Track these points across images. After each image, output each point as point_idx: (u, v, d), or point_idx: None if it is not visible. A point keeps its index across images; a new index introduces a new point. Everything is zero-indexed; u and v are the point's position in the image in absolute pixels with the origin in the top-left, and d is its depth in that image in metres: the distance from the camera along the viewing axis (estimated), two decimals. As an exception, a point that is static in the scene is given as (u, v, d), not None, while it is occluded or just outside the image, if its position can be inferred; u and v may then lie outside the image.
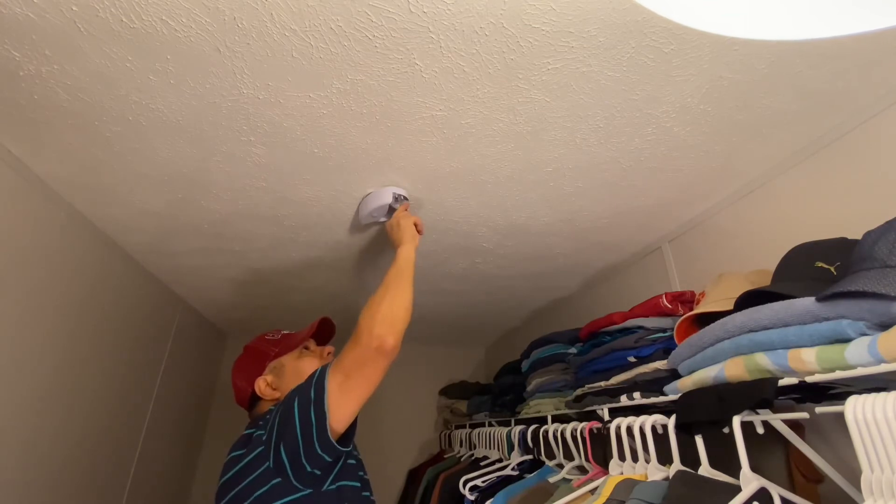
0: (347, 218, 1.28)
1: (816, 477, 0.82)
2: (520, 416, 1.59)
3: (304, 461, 0.80)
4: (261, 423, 0.89)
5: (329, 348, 1.14)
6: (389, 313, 0.91)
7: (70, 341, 1.23)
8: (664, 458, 0.86)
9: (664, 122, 0.92)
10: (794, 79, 0.82)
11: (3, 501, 1.02)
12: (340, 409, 0.83)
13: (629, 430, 0.93)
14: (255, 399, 1.03)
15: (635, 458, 0.92)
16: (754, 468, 0.68)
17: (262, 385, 1.02)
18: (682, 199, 1.22)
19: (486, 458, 1.69)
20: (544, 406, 1.43)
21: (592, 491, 0.93)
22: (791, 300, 0.63)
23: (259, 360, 1.06)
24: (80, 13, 0.65)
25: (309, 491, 0.81)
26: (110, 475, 1.47)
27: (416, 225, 1.15)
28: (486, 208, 1.25)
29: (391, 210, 1.17)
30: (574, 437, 1.15)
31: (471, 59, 0.75)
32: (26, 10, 0.65)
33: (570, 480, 1.06)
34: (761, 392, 0.65)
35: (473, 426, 2.07)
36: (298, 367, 1.05)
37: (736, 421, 0.68)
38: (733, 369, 0.71)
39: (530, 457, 1.40)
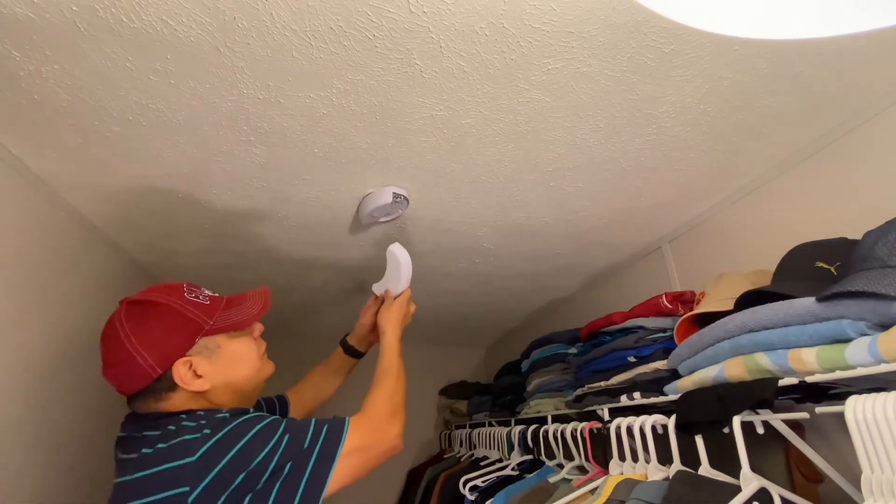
0: (347, 218, 1.28)
1: (816, 477, 0.82)
2: (520, 416, 1.59)
3: None
4: (168, 441, 0.66)
5: (260, 327, 0.90)
6: (401, 414, 0.89)
7: (71, 341, 1.23)
8: (664, 458, 0.86)
9: (664, 122, 0.92)
10: (795, 79, 0.82)
11: (4, 502, 1.02)
12: (337, 482, 0.72)
13: (629, 430, 0.93)
14: (159, 386, 0.73)
15: (635, 458, 0.92)
16: (754, 468, 0.68)
17: (183, 370, 0.73)
18: (682, 199, 1.22)
19: (486, 458, 1.68)
20: (544, 406, 1.43)
21: (592, 491, 0.93)
22: (791, 300, 0.63)
23: (184, 331, 0.75)
24: (81, 13, 0.65)
25: None
26: (110, 474, 1.47)
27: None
28: (486, 208, 1.25)
29: (391, 208, 1.17)
30: (574, 437, 1.15)
31: (471, 59, 0.75)
32: (26, 10, 0.65)
33: (570, 480, 1.06)
34: (761, 392, 0.65)
35: (473, 426, 2.07)
36: (234, 351, 0.80)
37: (736, 421, 0.68)
38: (733, 369, 0.71)
39: (530, 457, 1.40)
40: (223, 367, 0.78)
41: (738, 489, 0.67)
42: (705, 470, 0.77)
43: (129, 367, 0.72)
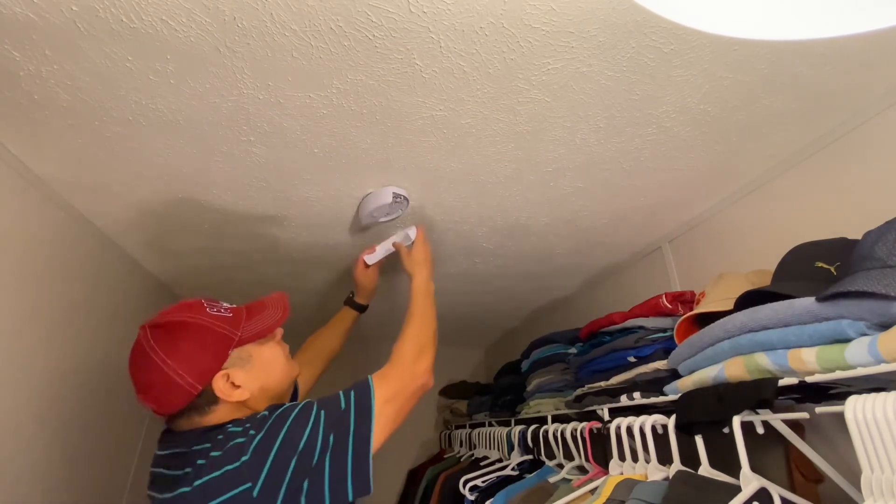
0: (347, 218, 1.28)
1: (816, 477, 0.82)
2: (520, 416, 1.59)
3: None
4: (221, 449, 0.69)
5: (281, 331, 0.92)
6: (429, 350, 0.95)
7: (70, 341, 1.23)
8: (664, 458, 0.86)
9: (664, 122, 0.92)
10: (794, 79, 0.82)
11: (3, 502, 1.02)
12: (380, 434, 0.77)
13: (629, 430, 0.93)
14: (201, 402, 0.76)
15: (635, 458, 0.92)
16: (754, 468, 0.68)
17: (222, 384, 0.76)
18: (682, 199, 1.22)
19: (486, 458, 1.68)
20: (544, 406, 1.43)
21: (592, 491, 0.93)
22: (791, 300, 0.63)
23: (217, 345, 0.77)
24: (80, 13, 0.65)
25: None
26: (110, 475, 1.47)
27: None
28: (486, 208, 1.25)
29: (391, 208, 1.17)
30: (574, 437, 1.15)
31: (471, 59, 0.75)
32: (26, 10, 0.65)
33: (570, 480, 1.06)
34: (761, 392, 0.65)
35: (473, 426, 2.07)
36: (265, 357, 0.84)
37: (736, 421, 0.68)
38: (733, 369, 0.71)
39: (530, 457, 1.40)
40: (258, 374, 0.80)
41: (738, 489, 0.67)
42: (705, 470, 0.77)
43: (168, 388, 0.74)
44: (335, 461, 0.72)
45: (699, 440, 0.79)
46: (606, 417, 1.08)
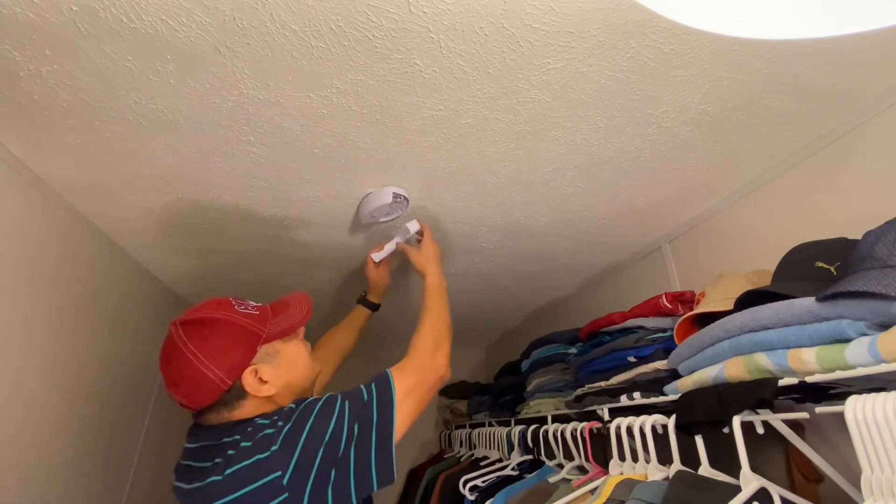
0: (347, 218, 1.28)
1: (816, 477, 0.82)
2: (520, 416, 1.59)
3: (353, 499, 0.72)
4: (251, 440, 0.72)
5: (303, 329, 0.93)
6: (445, 343, 0.99)
7: (70, 341, 1.23)
8: (664, 458, 0.86)
9: (664, 122, 0.92)
10: (794, 79, 0.82)
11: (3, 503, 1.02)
12: (402, 425, 0.80)
13: (629, 430, 0.93)
14: (230, 397, 0.77)
15: (635, 458, 0.92)
16: (754, 468, 0.68)
17: (251, 379, 0.78)
18: (682, 199, 1.22)
19: (486, 458, 1.69)
20: (544, 406, 1.44)
21: (592, 491, 0.93)
22: (791, 300, 0.63)
23: (246, 342, 0.79)
24: (80, 13, 0.65)
25: None
26: (110, 475, 1.47)
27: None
28: (486, 208, 1.25)
29: (391, 208, 1.17)
30: (574, 437, 1.15)
31: (471, 59, 0.75)
32: (26, 10, 0.65)
33: (570, 480, 1.06)
34: (761, 392, 0.65)
35: (473, 426, 2.07)
36: (290, 354, 0.85)
37: (736, 421, 0.68)
38: (733, 369, 0.71)
39: (530, 457, 1.40)
40: (284, 370, 0.82)
41: (738, 489, 0.67)
42: (705, 470, 0.77)
43: (199, 383, 0.75)
44: (360, 451, 0.74)
45: (699, 440, 0.79)
46: (606, 417, 1.08)
